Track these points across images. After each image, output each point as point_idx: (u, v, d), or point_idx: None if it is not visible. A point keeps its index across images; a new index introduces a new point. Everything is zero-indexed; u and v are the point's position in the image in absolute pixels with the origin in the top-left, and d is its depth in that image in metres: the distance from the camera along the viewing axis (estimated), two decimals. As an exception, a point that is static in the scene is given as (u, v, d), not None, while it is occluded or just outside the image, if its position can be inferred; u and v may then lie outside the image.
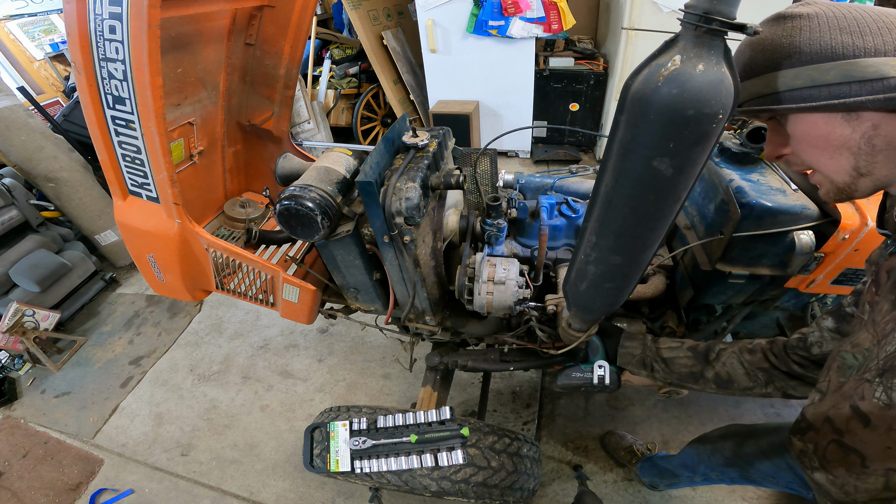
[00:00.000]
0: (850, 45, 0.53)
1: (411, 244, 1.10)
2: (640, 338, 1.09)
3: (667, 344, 1.04)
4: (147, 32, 0.98)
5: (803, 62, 0.56)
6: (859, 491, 0.60)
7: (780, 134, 0.65)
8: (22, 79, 4.86)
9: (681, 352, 1.01)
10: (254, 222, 1.66)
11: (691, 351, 1.00)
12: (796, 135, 0.62)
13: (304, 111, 3.88)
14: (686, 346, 1.01)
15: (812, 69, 0.55)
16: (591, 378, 1.10)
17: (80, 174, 2.85)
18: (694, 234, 1.32)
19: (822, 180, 0.64)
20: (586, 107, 3.79)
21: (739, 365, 0.93)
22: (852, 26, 0.54)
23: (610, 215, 0.69)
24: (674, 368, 1.00)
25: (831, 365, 0.68)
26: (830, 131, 0.57)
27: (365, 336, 2.53)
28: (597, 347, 1.13)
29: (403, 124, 1.25)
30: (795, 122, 0.61)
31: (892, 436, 0.55)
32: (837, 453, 0.62)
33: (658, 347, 1.04)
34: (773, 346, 0.91)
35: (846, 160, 0.58)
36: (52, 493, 1.98)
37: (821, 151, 0.60)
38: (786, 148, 0.66)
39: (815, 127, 0.59)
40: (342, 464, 1.30)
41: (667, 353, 1.02)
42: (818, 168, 0.63)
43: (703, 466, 1.28)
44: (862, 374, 0.60)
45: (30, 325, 2.49)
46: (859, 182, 0.60)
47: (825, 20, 0.55)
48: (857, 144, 0.56)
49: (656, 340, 1.06)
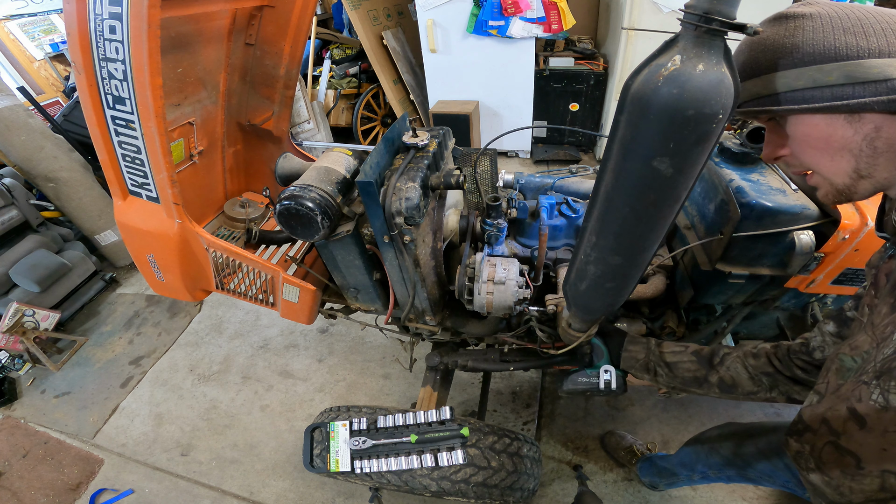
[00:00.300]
0: (854, 45, 0.53)
1: (411, 244, 1.10)
2: (643, 342, 1.08)
3: (670, 348, 1.03)
4: (147, 32, 0.98)
5: (805, 62, 0.55)
6: (854, 492, 0.60)
7: (780, 135, 0.64)
8: (22, 79, 4.86)
9: (685, 356, 1.00)
10: (254, 222, 1.66)
11: (695, 355, 0.99)
12: (796, 136, 0.61)
13: (304, 111, 3.88)
14: (690, 350, 1.01)
15: (814, 70, 0.55)
16: (598, 383, 1.09)
17: (80, 174, 2.85)
18: (694, 234, 1.32)
19: (820, 182, 0.64)
20: (586, 107, 3.79)
21: (743, 369, 0.92)
22: (855, 27, 0.53)
23: (610, 215, 0.69)
24: (677, 373, 0.99)
25: (830, 367, 0.68)
26: (832, 133, 0.57)
27: (365, 336, 2.53)
28: (601, 352, 1.12)
29: (403, 124, 1.25)
30: (796, 123, 0.60)
31: (887, 438, 0.54)
32: (833, 455, 0.62)
33: (662, 352, 1.03)
34: (776, 351, 0.90)
35: (847, 162, 0.58)
36: (52, 493, 1.98)
37: (821, 153, 0.60)
38: (785, 149, 0.65)
39: (815, 128, 0.58)
40: (342, 464, 1.30)
41: (670, 357, 1.01)
42: (818, 170, 0.62)
43: (702, 465, 1.28)
44: (859, 377, 0.60)
45: (30, 325, 2.49)
46: (859, 184, 0.59)
47: (828, 20, 0.54)
48: (859, 146, 0.56)
49: (660, 344, 1.05)
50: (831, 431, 0.62)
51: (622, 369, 1.10)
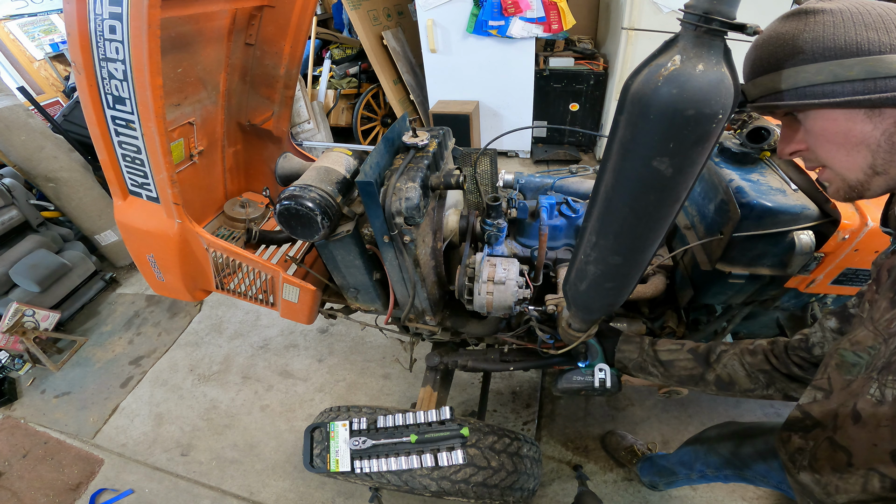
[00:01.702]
0: (876, 41, 0.53)
1: (411, 244, 1.10)
2: (637, 341, 1.08)
3: (666, 346, 1.03)
4: (147, 32, 0.98)
5: (826, 57, 0.55)
6: (840, 492, 0.60)
7: (796, 130, 0.64)
8: (22, 79, 4.86)
9: (680, 354, 1.00)
10: (254, 222, 1.66)
11: (691, 353, 0.99)
12: (814, 131, 0.61)
13: (304, 111, 3.88)
14: (686, 348, 1.00)
15: (835, 65, 0.54)
16: (592, 381, 1.10)
17: (80, 174, 2.85)
18: (694, 234, 1.32)
19: (833, 178, 0.64)
20: (586, 107, 3.79)
21: (741, 367, 0.92)
22: (877, 22, 0.53)
23: (610, 215, 0.69)
24: (673, 371, 1.00)
25: (828, 362, 0.68)
26: (850, 128, 0.57)
27: (365, 336, 2.53)
28: (596, 351, 1.12)
29: (403, 124, 1.25)
30: (814, 117, 0.60)
31: (879, 433, 0.55)
32: (827, 451, 0.62)
33: (656, 350, 1.03)
34: (773, 348, 0.90)
35: (863, 157, 0.58)
36: (52, 493, 1.98)
37: (838, 148, 0.60)
38: (801, 144, 0.65)
39: (834, 123, 0.58)
40: (342, 464, 1.30)
41: (665, 355, 1.01)
42: (832, 165, 0.62)
43: (700, 465, 1.28)
44: (869, 373, 0.60)
45: (30, 325, 2.49)
46: (873, 181, 0.59)
47: (849, 16, 0.54)
48: (877, 142, 0.56)
49: (654, 343, 1.05)
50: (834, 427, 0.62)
51: (616, 369, 1.10)
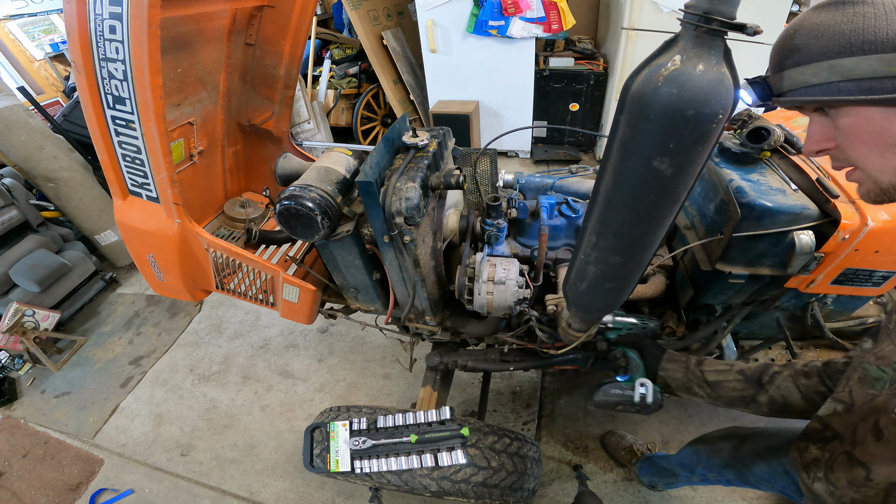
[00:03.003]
0: None
1: (411, 244, 1.10)
2: (682, 360, 1.04)
3: (713, 366, 1.00)
4: (147, 32, 0.98)
5: (865, 51, 0.51)
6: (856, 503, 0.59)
7: (826, 127, 0.60)
8: (22, 79, 4.86)
9: (729, 375, 0.97)
10: (254, 222, 1.66)
11: (741, 374, 0.96)
12: (846, 129, 0.57)
13: (304, 111, 3.88)
14: (735, 368, 0.97)
15: (876, 59, 0.51)
16: (632, 396, 1.02)
17: (80, 174, 2.85)
18: (694, 234, 1.32)
19: (863, 178, 0.60)
20: (586, 107, 3.79)
21: (795, 389, 0.88)
22: None
23: (610, 215, 0.69)
24: (721, 392, 0.96)
25: (851, 375, 0.67)
26: (887, 127, 0.54)
27: (365, 336, 2.52)
28: (637, 365, 1.07)
29: (403, 124, 1.25)
30: (848, 114, 0.56)
31: None
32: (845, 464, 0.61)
33: (703, 370, 1.00)
34: (827, 369, 0.87)
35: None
36: (52, 493, 1.98)
37: (871, 148, 0.56)
38: (831, 142, 0.60)
39: (870, 122, 0.55)
40: (342, 464, 1.30)
41: (713, 376, 0.98)
42: (863, 165, 0.59)
43: (701, 467, 1.28)
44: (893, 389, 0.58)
45: (30, 325, 2.49)
46: None
47: (892, 8, 0.51)
48: None
49: (701, 363, 1.02)
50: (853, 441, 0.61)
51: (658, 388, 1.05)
